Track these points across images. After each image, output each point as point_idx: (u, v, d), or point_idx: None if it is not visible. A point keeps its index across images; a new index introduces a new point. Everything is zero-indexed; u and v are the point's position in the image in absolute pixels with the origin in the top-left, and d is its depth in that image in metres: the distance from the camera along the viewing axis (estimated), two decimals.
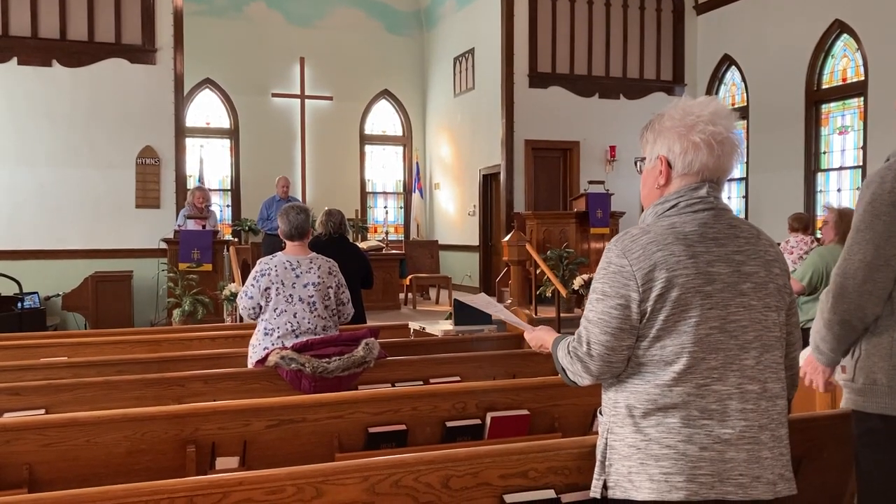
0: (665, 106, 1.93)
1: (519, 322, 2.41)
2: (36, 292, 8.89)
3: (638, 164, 2.00)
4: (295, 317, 4.08)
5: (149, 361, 4.29)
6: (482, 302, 2.51)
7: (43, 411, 3.32)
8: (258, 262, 4.22)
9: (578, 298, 9.25)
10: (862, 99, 9.78)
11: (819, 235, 5.90)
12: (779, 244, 6.69)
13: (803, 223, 7.22)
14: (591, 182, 10.58)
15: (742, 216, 11.55)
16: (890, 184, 2.06)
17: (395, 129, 15.07)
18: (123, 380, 3.63)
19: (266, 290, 4.08)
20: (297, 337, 4.05)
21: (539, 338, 2.19)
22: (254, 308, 4.12)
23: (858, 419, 2.20)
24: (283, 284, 4.09)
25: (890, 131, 8.94)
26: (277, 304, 4.08)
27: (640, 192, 2.00)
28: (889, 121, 9.02)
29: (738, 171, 11.87)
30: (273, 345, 4.04)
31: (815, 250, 5.81)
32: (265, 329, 4.10)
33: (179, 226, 8.73)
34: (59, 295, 9.03)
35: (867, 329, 2.15)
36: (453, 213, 13.93)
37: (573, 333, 1.94)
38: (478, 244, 12.79)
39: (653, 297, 1.75)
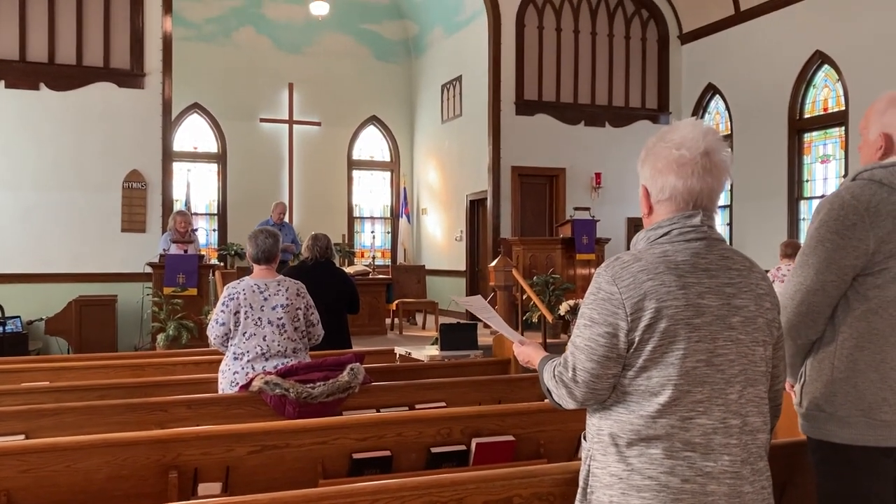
0: (649, 134, 1.92)
1: (510, 332, 2.38)
2: (18, 316, 8.81)
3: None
4: (264, 339, 4.08)
5: (132, 386, 4.25)
6: (478, 305, 2.47)
7: (23, 437, 3.28)
8: (226, 287, 4.22)
9: (564, 324, 9.26)
10: (843, 128, 9.92)
11: None
12: (768, 271, 6.76)
13: (795, 249, 7.26)
14: (576, 208, 10.66)
15: (729, 245, 11.63)
16: (836, 211, 2.07)
17: (383, 154, 15.13)
18: (105, 405, 3.59)
19: (235, 314, 4.08)
20: (266, 360, 4.05)
21: (527, 353, 2.17)
22: (225, 335, 4.11)
23: (810, 447, 2.20)
24: (251, 308, 4.09)
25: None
26: (246, 328, 4.08)
27: (643, 217, 1.95)
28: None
29: (722, 199, 11.94)
30: (243, 369, 4.03)
31: None
32: (234, 353, 4.10)
33: (165, 250, 8.70)
34: (42, 319, 8.95)
35: (805, 351, 2.16)
36: (440, 238, 13.96)
37: (560, 355, 1.94)
38: (464, 269, 12.80)
39: (641, 327, 1.73)
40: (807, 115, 10.56)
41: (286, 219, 10.87)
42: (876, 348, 2.07)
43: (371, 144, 15.04)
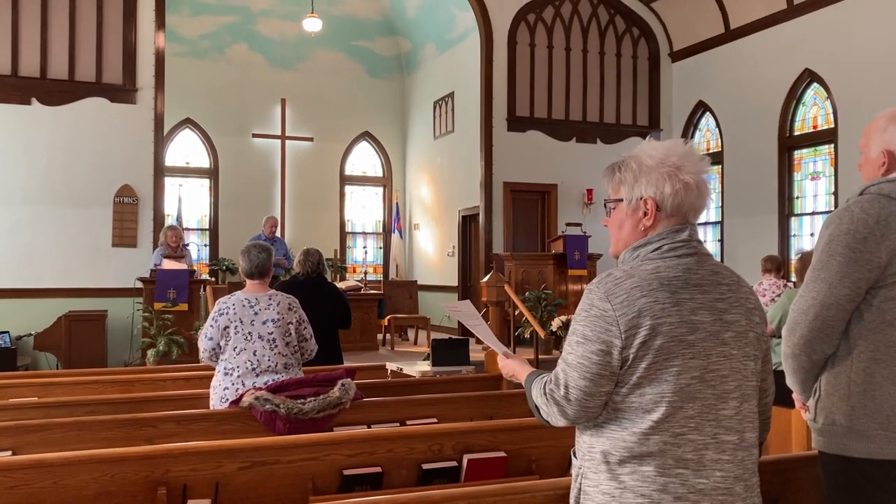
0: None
1: (495, 343, 2.35)
2: (7, 332, 8.75)
3: (608, 206, 1.94)
4: (255, 355, 4.05)
5: (121, 402, 4.22)
6: (466, 311, 2.43)
7: (10, 453, 3.24)
8: (216, 301, 4.20)
9: (556, 340, 9.26)
10: (832, 146, 10.00)
11: (793, 279, 5.99)
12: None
13: (776, 264, 7.31)
14: (568, 224, 10.68)
15: (717, 260, 11.69)
16: (846, 225, 2.09)
17: (376, 170, 15.15)
18: (94, 420, 3.56)
19: (225, 328, 4.05)
20: (257, 376, 4.01)
21: (512, 367, 2.14)
22: (214, 349, 4.08)
23: (822, 461, 2.20)
24: (241, 322, 4.06)
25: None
26: (236, 343, 4.05)
27: (613, 235, 1.93)
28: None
29: (713, 215, 12.04)
30: (234, 384, 4.00)
31: (785, 293, 5.88)
32: (225, 369, 4.06)
33: (156, 265, 8.66)
34: (31, 334, 8.89)
35: (822, 366, 2.16)
36: (432, 253, 13.96)
37: (547, 370, 1.93)
38: (457, 285, 12.79)
39: (636, 344, 1.72)
40: (796, 133, 10.64)
41: (278, 233, 10.87)
42: (892, 361, 2.08)
43: (363, 160, 15.07)
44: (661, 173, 1.82)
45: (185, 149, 13.72)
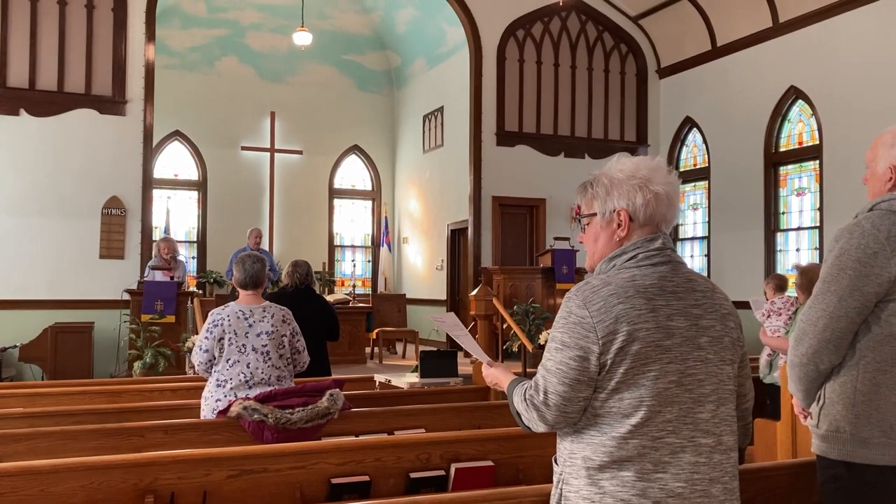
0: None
1: (479, 353, 2.39)
2: None
3: (582, 221, 1.99)
4: (248, 367, 4.03)
5: (108, 412, 4.20)
6: (450, 322, 2.49)
7: None
8: (210, 313, 4.18)
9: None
10: (817, 162, 10.11)
11: (792, 293, 6.03)
12: (736, 303, 6.78)
13: (782, 281, 7.29)
14: (556, 238, 10.73)
15: (704, 274, 11.78)
16: (857, 240, 2.15)
17: (365, 183, 15.18)
18: (81, 430, 3.54)
19: (219, 340, 4.04)
20: (250, 388, 3.99)
21: (495, 376, 2.17)
22: (209, 361, 4.06)
23: (822, 465, 2.24)
24: (235, 334, 4.05)
25: (844, 193, 9.24)
26: (230, 355, 4.03)
27: (588, 248, 1.98)
28: (843, 183, 9.33)
29: (700, 230, 12.12)
30: (226, 396, 3.98)
31: (801, 309, 5.86)
32: (217, 380, 4.04)
33: (147, 277, 8.63)
34: (16, 346, 8.82)
35: (827, 376, 2.22)
36: (421, 267, 13.97)
37: (529, 378, 1.95)
38: (445, 298, 12.80)
39: (613, 349, 1.76)
40: (782, 149, 10.75)
41: (266, 246, 10.87)
42: None
43: (353, 173, 15.09)
44: (632, 185, 1.89)
45: (174, 161, 13.70)
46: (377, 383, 5.81)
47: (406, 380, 5.68)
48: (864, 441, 2.14)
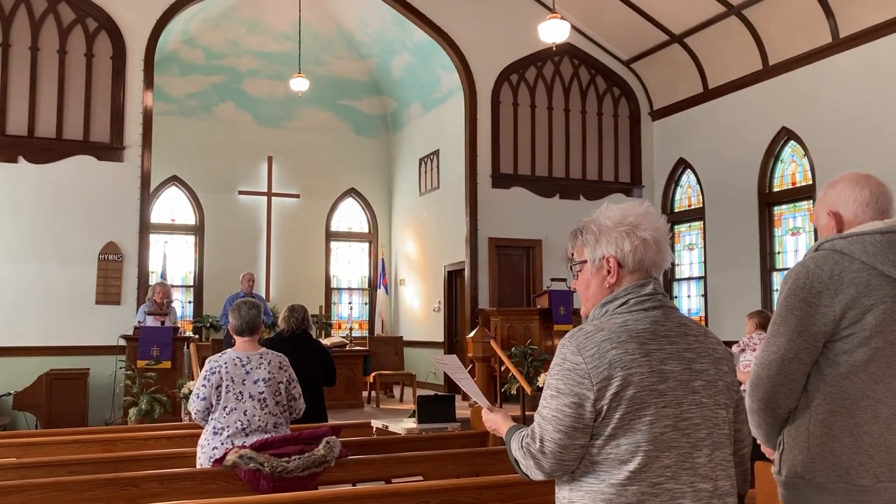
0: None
1: (480, 398, 2.38)
2: None
3: (574, 269, 2.02)
4: (245, 414, 4.01)
5: (102, 461, 4.15)
6: (452, 365, 2.48)
7: None
8: (207, 360, 4.16)
9: None
10: (811, 202, 10.18)
11: None
12: (730, 342, 6.79)
13: (766, 318, 7.33)
14: (553, 279, 10.74)
15: (701, 314, 11.78)
16: (802, 280, 2.15)
17: (362, 226, 15.24)
18: (75, 480, 3.50)
19: (217, 388, 4.02)
20: (247, 435, 3.96)
21: (494, 421, 2.17)
22: (206, 409, 4.04)
23: None
24: (232, 381, 4.03)
25: None
26: (227, 402, 4.01)
27: (581, 295, 2.00)
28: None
29: (696, 270, 12.16)
30: (223, 444, 3.95)
31: None
32: (214, 428, 4.01)
33: (139, 322, 8.61)
34: (10, 394, 8.75)
35: (784, 419, 2.20)
36: (418, 309, 13.95)
37: (528, 424, 1.95)
38: (443, 340, 12.76)
39: (608, 395, 1.75)
40: (776, 189, 10.83)
41: (262, 291, 10.87)
42: (848, 413, 2.11)
43: (349, 216, 15.16)
44: (620, 232, 1.91)
45: (171, 206, 13.76)
46: (374, 429, 5.76)
47: (403, 425, 5.64)
48: (821, 487, 2.10)
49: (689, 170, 12.30)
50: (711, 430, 1.83)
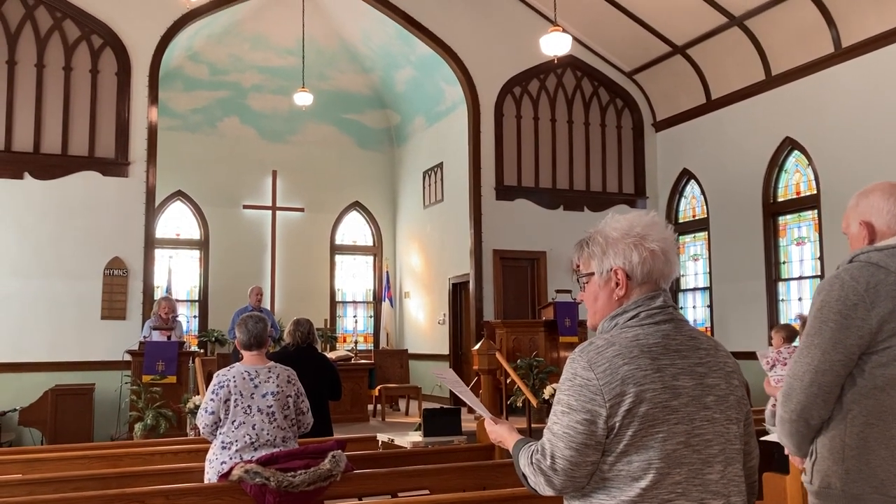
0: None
1: (482, 410, 2.35)
2: None
3: (581, 281, 1.98)
4: (254, 428, 4.00)
5: (108, 477, 4.14)
6: (451, 378, 2.46)
7: None
8: (215, 374, 4.16)
9: (549, 408, 9.18)
10: (816, 211, 10.16)
11: (797, 343, 6.01)
12: (736, 353, 6.75)
13: (791, 332, 7.28)
14: (558, 291, 10.72)
15: (707, 325, 11.74)
16: (837, 292, 2.15)
17: (366, 239, 15.25)
18: (81, 496, 3.49)
19: (225, 402, 4.01)
20: (255, 450, 3.95)
21: (500, 434, 2.13)
22: (215, 423, 4.03)
23: None
24: (241, 395, 4.02)
25: (844, 243, 9.23)
26: (235, 416, 4.00)
27: (589, 307, 1.96)
28: (842, 233, 9.35)
29: (702, 281, 12.13)
30: (231, 458, 3.93)
31: None
32: (223, 442, 4.00)
33: (145, 337, 8.61)
34: (15, 410, 8.75)
35: (817, 430, 2.19)
36: (423, 321, 13.94)
37: (536, 438, 1.93)
38: (448, 353, 12.74)
39: (621, 412, 1.73)
40: (780, 199, 10.82)
41: (267, 304, 10.86)
42: (885, 425, 2.12)
43: (354, 229, 15.18)
44: (627, 244, 1.88)
45: (176, 220, 13.80)
46: (380, 443, 5.75)
47: (409, 439, 5.63)
48: (855, 497, 2.10)
49: (692, 180, 12.30)
50: (724, 446, 1.81)
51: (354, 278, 15.14)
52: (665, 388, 1.76)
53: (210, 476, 4.01)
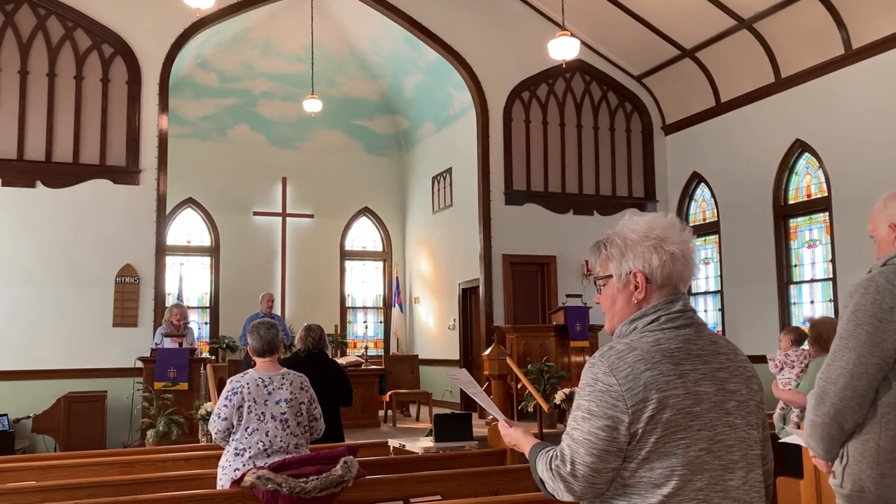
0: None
1: (496, 411, 2.32)
2: (6, 414, 8.67)
3: (598, 283, 1.94)
4: (267, 435, 4.00)
5: (121, 484, 4.16)
6: (463, 379, 2.44)
7: None
8: (229, 380, 4.17)
9: (560, 413, 9.17)
10: (827, 214, 10.11)
11: (805, 346, 5.95)
12: (749, 356, 6.72)
13: (801, 335, 7.22)
14: (568, 295, 10.70)
15: (719, 329, 11.69)
16: (872, 295, 2.14)
17: (376, 244, 15.27)
18: (94, 503, 3.51)
19: (238, 408, 4.02)
20: (269, 456, 3.95)
21: (514, 437, 2.10)
22: (227, 429, 4.03)
23: None
24: (255, 402, 4.03)
25: (855, 245, 9.22)
26: (249, 423, 4.01)
27: (607, 311, 1.93)
28: (853, 235, 9.31)
29: (713, 284, 12.08)
30: (244, 465, 3.93)
31: (813, 360, 5.81)
32: (236, 449, 4.01)
33: (157, 344, 8.64)
34: (29, 417, 8.80)
35: (850, 433, 2.18)
36: (433, 327, 13.93)
37: (550, 443, 1.92)
38: (458, 358, 12.73)
39: (644, 418, 1.70)
40: (791, 201, 10.77)
41: (277, 310, 10.89)
42: None
43: (363, 235, 15.20)
44: (647, 246, 1.85)
45: (187, 228, 13.86)
46: (391, 448, 5.75)
47: (420, 444, 5.62)
48: (890, 501, 2.09)
49: (703, 183, 12.26)
50: (745, 452, 1.79)
51: (364, 284, 15.16)
52: (688, 394, 1.74)
53: (223, 482, 4.02)
